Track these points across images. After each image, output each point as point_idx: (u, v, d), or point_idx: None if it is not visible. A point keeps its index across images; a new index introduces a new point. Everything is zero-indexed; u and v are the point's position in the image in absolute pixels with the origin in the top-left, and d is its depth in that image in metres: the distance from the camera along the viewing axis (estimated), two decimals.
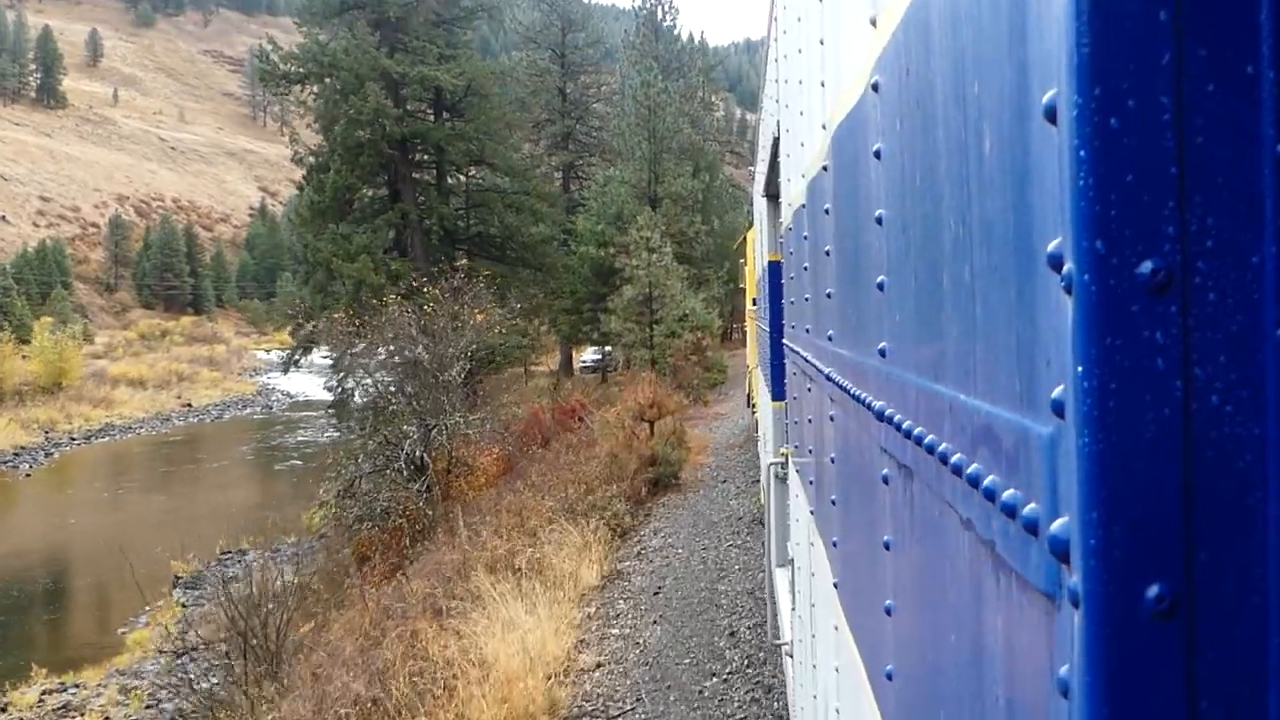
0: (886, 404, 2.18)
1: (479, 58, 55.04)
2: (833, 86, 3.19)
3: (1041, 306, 1.07)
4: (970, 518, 1.40)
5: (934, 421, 1.69)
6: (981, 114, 1.33)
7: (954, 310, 1.55)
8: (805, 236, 4.68)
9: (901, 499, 2.07)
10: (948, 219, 1.57)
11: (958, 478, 1.45)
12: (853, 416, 2.87)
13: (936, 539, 1.72)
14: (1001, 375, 1.26)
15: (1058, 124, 0.97)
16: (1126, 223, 0.90)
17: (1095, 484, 0.91)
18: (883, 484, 2.30)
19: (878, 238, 2.30)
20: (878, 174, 2.28)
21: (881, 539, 2.34)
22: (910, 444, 1.86)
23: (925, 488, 1.78)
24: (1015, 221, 1.18)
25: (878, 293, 2.30)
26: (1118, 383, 0.90)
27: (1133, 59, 0.89)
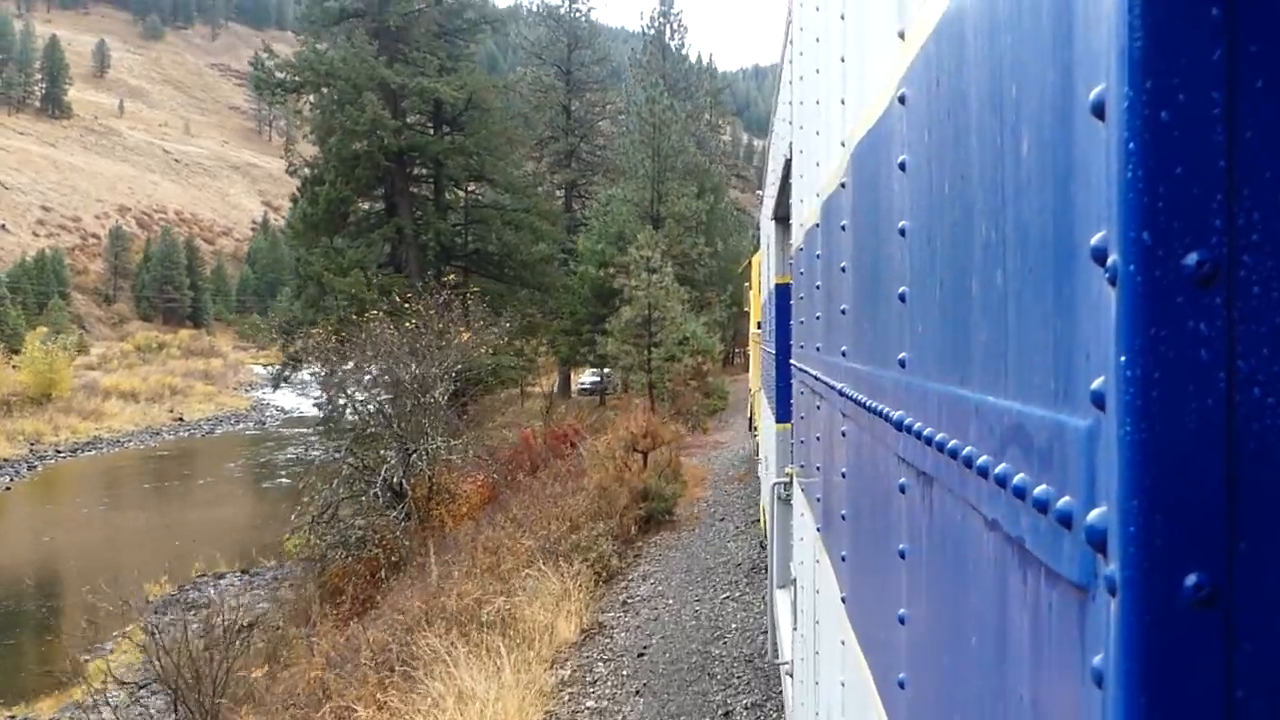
0: (906, 413, 2.19)
1: (482, 71, 54.22)
2: (854, 103, 3.21)
3: (1082, 301, 1.08)
4: (996, 518, 1.41)
5: (958, 426, 1.69)
6: (1020, 117, 1.35)
7: (983, 314, 1.56)
8: (818, 255, 4.70)
9: (920, 506, 2.08)
10: (979, 225, 1.59)
11: (984, 479, 1.46)
12: (867, 429, 2.87)
13: (957, 543, 1.73)
14: (1035, 374, 1.27)
15: (1106, 119, 0.98)
16: (1174, 215, 0.91)
17: (1137, 472, 0.92)
18: (899, 494, 2.31)
19: (900, 250, 2.31)
20: (902, 186, 2.29)
21: (896, 549, 2.35)
22: (931, 450, 1.87)
23: (946, 493, 1.79)
24: (1055, 219, 1.19)
25: (899, 304, 2.31)
26: (1161, 373, 0.91)
27: (1184, 54, 0.91)
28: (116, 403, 76.37)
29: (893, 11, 2.38)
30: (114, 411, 73.88)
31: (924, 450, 1.94)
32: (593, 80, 69.11)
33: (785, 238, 9.74)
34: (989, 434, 1.48)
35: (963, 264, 1.71)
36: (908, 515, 2.24)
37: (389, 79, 45.74)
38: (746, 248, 57.10)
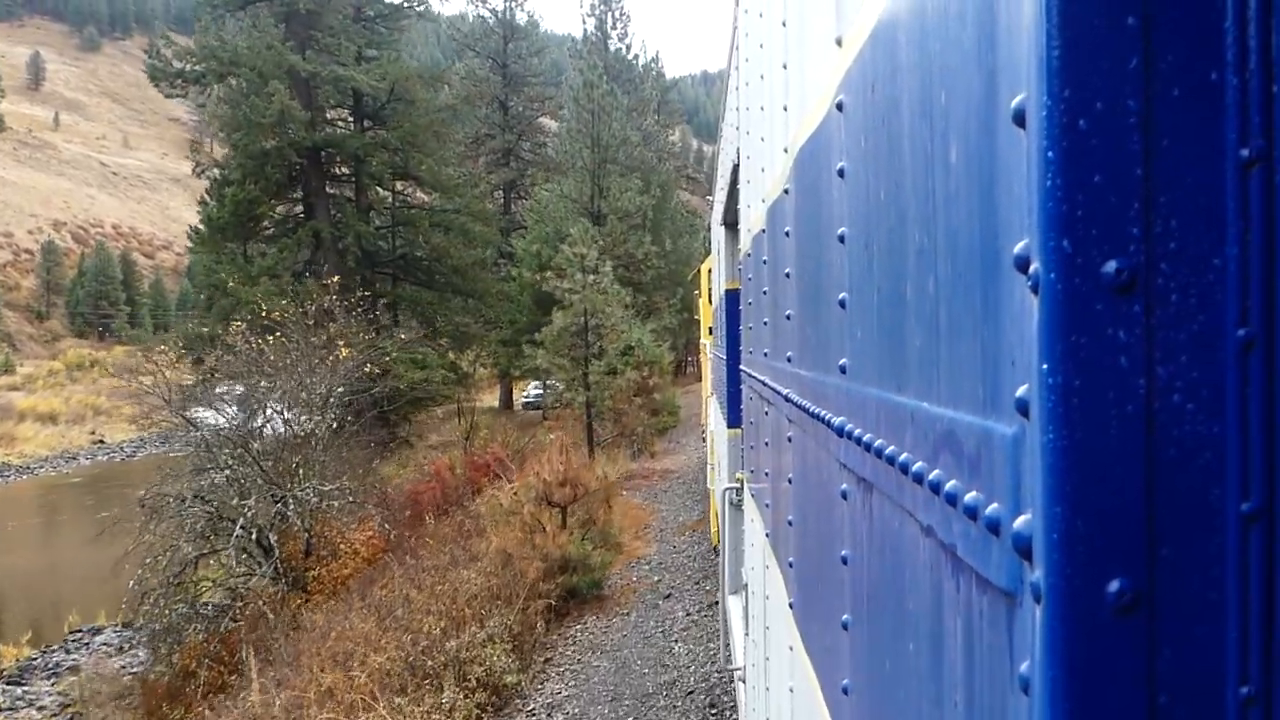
0: (847, 419, 2.19)
1: (406, 61, 48.89)
2: (796, 109, 3.22)
3: (1006, 308, 1.08)
4: (931, 524, 1.41)
5: (895, 432, 1.70)
6: (949, 124, 1.35)
7: (917, 321, 1.57)
8: (765, 260, 4.71)
9: (860, 513, 2.08)
10: (912, 231, 1.59)
11: (919, 485, 1.46)
12: (812, 435, 2.88)
13: (895, 549, 1.73)
14: (965, 380, 1.28)
15: (1026, 127, 0.98)
16: (1093, 223, 0.92)
17: (1059, 479, 0.93)
18: (841, 500, 2.31)
19: (840, 256, 2.32)
20: (840, 193, 2.30)
21: (839, 555, 2.35)
22: (870, 457, 1.87)
23: (885, 499, 1.79)
24: (981, 227, 1.19)
25: (839, 310, 2.31)
26: (1082, 380, 0.92)
27: (1101, 63, 0.91)
28: (32, 425, 70.85)
29: (831, 17, 2.39)
30: (28, 435, 68.53)
31: (864, 457, 1.95)
32: (531, 74, 64.52)
33: (734, 243, 9.77)
34: (923, 440, 1.48)
35: (898, 271, 1.71)
36: (850, 521, 2.24)
37: (299, 67, 41.23)
38: (698, 250, 54.55)
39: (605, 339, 32.33)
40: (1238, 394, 0.90)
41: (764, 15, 4.57)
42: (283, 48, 40.96)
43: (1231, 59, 0.90)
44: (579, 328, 31.55)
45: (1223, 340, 0.91)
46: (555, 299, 34.03)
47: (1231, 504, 0.90)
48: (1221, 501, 0.90)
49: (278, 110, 39.28)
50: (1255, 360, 0.90)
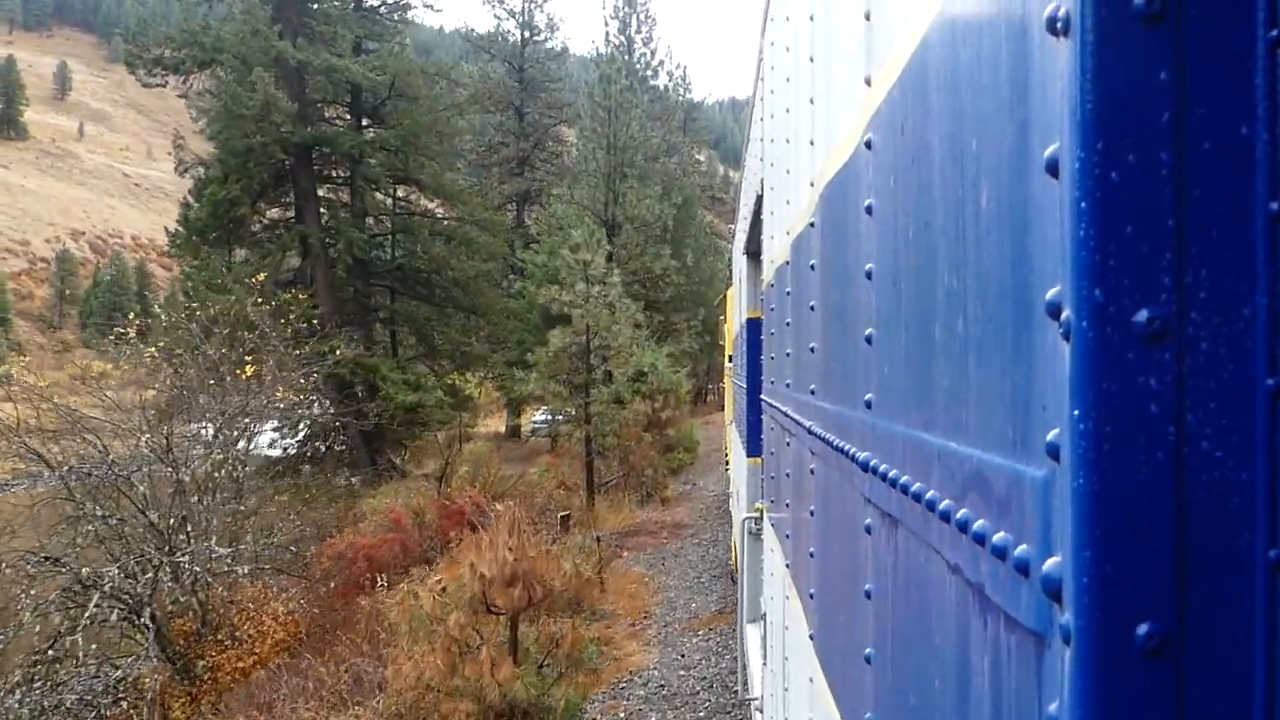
0: (872, 454, 2.21)
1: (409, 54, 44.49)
2: (823, 144, 3.25)
3: (1038, 353, 1.10)
4: (958, 562, 1.43)
5: (921, 469, 1.71)
6: (980, 169, 1.37)
7: (946, 360, 1.58)
8: (788, 292, 4.73)
9: (885, 547, 2.09)
10: (942, 272, 1.61)
11: (946, 523, 1.48)
12: (835, 468, 2.89)
13: (920, 585, 1.74)
14: (994, 422, 1.29)
15: (1059, 177, 1.00)
16: (1124, 272, 0.94)
17: (1089, 524, 0.94)
18: (865, 534, 2.32)
19: (867, 292, 2.33)
20: (869, 229, 2.32)
21: (862, 588, 2.36)
22: (896, 492, 1.88)
23: (910, 535, 1.80)
24: (1013, 272, 1.21)
25: (865, 345, 2.33)
26: (1113, 426, 0.94)
27: (1134, 116, 0.94)
28: None
29: (860, 57, 2.42)
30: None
31: (889, 492, 1.96)
32: (549, 79, 59.29)
33: (757, 273, 9.79)
34: (951, 479, 1.50)
35: (926, 309, 1.73)
36: (873, 556, 2.25)
37: (287, 55, 36.88)
38: (722, 271, 51.82)
39: (611, 362, 27.39)
40: (1267, 441, 0.92)
41: (791, 50, 4.60)
42: (270, 33, 36.75)
43: (1262, 114, 0.92)
44: (580, 348, 26.09)
45: (1252, 388, 0.92)
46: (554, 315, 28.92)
47: (1260, 550, 0.92)
48: (1250, 547, 0.92)
49: (261, 101, 34.99)
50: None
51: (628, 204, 43.95)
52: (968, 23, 1.43)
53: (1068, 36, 0.98)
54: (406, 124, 40.06)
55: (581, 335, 26.01)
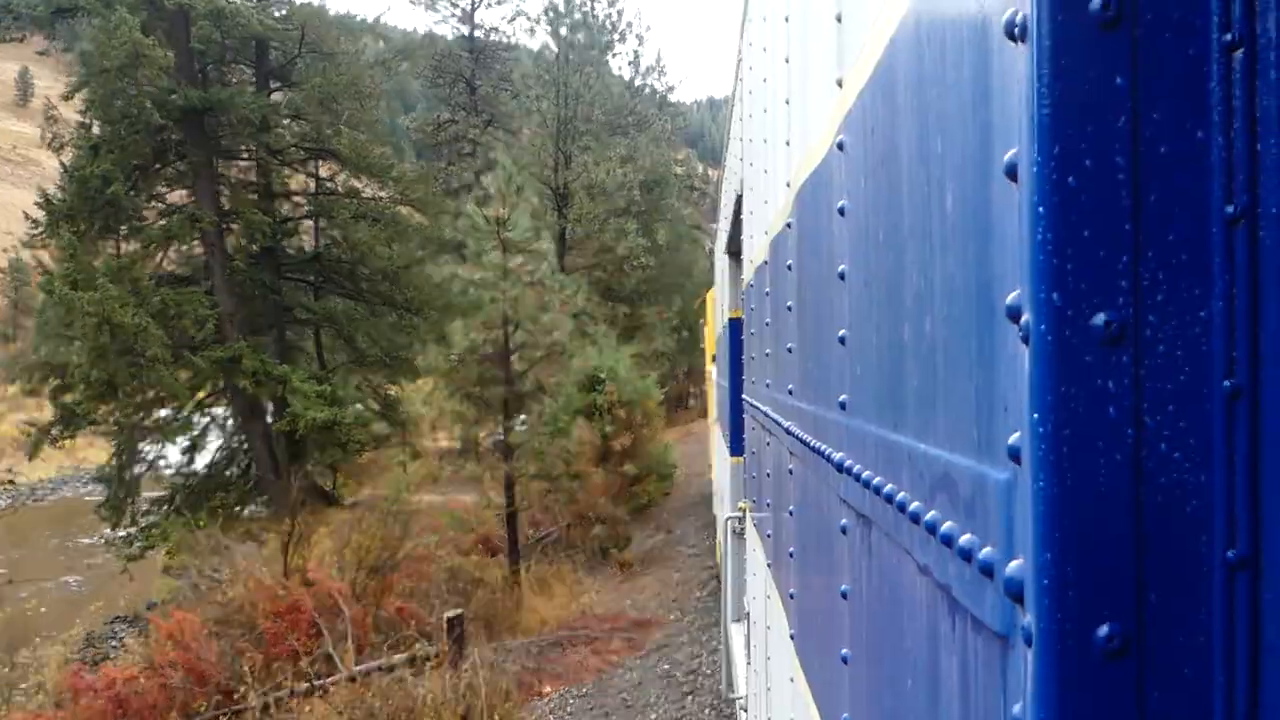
0: (846, 455, 2.21)
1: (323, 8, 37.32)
2: (798, 145, 3.26)
3: (1000, 356, 1.11)
4: (927, 563, 1.43)
5: (893, 471, 1.72)
6: (945, 172, 1.38)
7: (915, 362, 1.59)
8: (767, 292, 4.74)
9: (860, 548, 2.10)
10: (910, 273, 1.61)
11: (916, 525, 1.48)
12: (812, 469, 2.90)
13: (893, 586, 1.75)
14: (960, 424, 1.30)
15: (1018, 181, 1.01)
16: (1082, 276, 0.94)
17: (1049, 527, 0.95)
18: (841, 534, 2.33)
19: (840, 293, 2.34)
20: (841, 231, 2.32)
21: (839, 589, 2.37)
22: (869, 494, 1.89)
23: (883, 536, 1.81)
24: (976, 275, 1.22)
25: (839, 346, 2.34)
26: (1071, 429, 0.94)
27: (1090, 121, 0.94)
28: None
29: (832, 59, 2.43)
30: None
31: (863, 493, 1.97)
32: (505, 48, 50.85)
33: (738, 272, 9.81)
34: (920, 480, 1.50)
35: (896, 311, 1.73)
36: (849, 556, 2.26)
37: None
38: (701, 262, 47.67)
39: (542, 368, 20.05)
40: (1224, 443, 0.92)
41: (768, 50, 4.61)
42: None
43: (1217, 119, 0.93)
44: (495, 349, 19.08)
45: (1210, 390, 0.93)
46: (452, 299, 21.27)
47: (1218, 551, 0.92)
48: (1209, 549, 0.92)
49: (127, 48, 27.63)
50: (1241, 410, 0.92)
51: (581, 167, 36.79)
52: (932, 25, 1.43)
53: (1025, 42, 0.98)
54: (318, 82, 33.12)
55: (496, 329, 18.78)
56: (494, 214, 18.85)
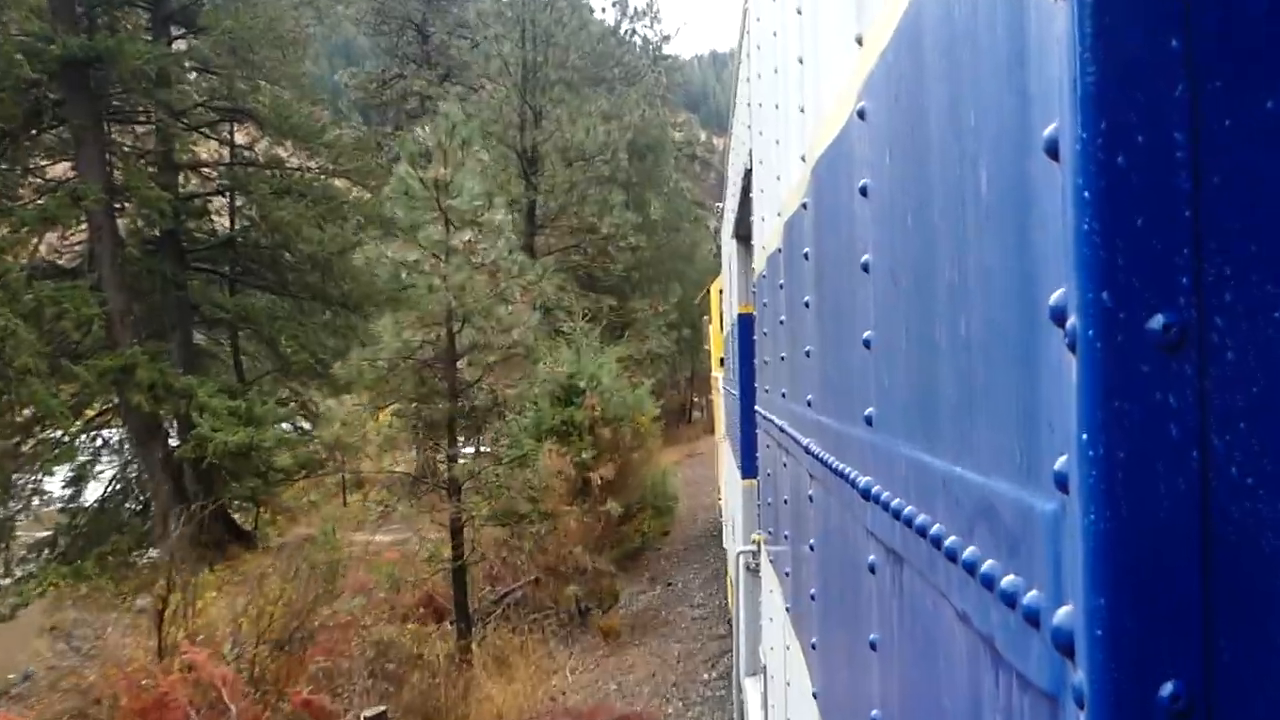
0: (873, 480, 2.22)
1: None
2: (813, 112, 3.26)
3: (1043, 365, 1.11)
4: (966, 610, 1.44)
5: (926, 499, 1.73)
6: (980, 146, 1.39)
7: (950, 369, 1.60)
8: (781, 285, 4.75)
9: (890, 590, 2.11)
10: (943, 264, 1.62)
11: (953, 563, 1.49)
12: (835, 495, 2.91)
13: (929, 636, 1.76)
14: (1001, 444, 1.30)
15: (1060, 160, 1.01)
16: (1135, 272, 0.94)
17: (1102, 567, 0.95)
18: (869, 574, 2.34)
19: (864, 287, 2.35)
20: (864, 213, 2.33)
21: (867, 638, 2.38)
22: (900, 525, 1.90)
23: (917, 576, 1.82)
24: (1015, 270, 1.22)
25: (863, 350, 2.35)
26: (1126, 452, 0.94)
27: (1142, 90, 0.94)
28: None
29: (850, 12, 2.44)
30: None
31: (893, 525, 1.98)
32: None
33: (748, 260, 9.81)
34: (958, 510, 1.51)
35: (928, 309, 1.74)
36: (878, 599, 2.27)
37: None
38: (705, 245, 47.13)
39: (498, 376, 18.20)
40: None
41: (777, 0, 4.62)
42: None
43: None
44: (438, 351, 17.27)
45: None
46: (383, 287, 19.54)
47: None
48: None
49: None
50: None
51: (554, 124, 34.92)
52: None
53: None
54: (229, 26, 30.64)
55: (437, 326, 17.02)
56: (433, 176, 16.42)
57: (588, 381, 22.78)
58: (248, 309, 32.76)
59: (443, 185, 16.49)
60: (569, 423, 22.20)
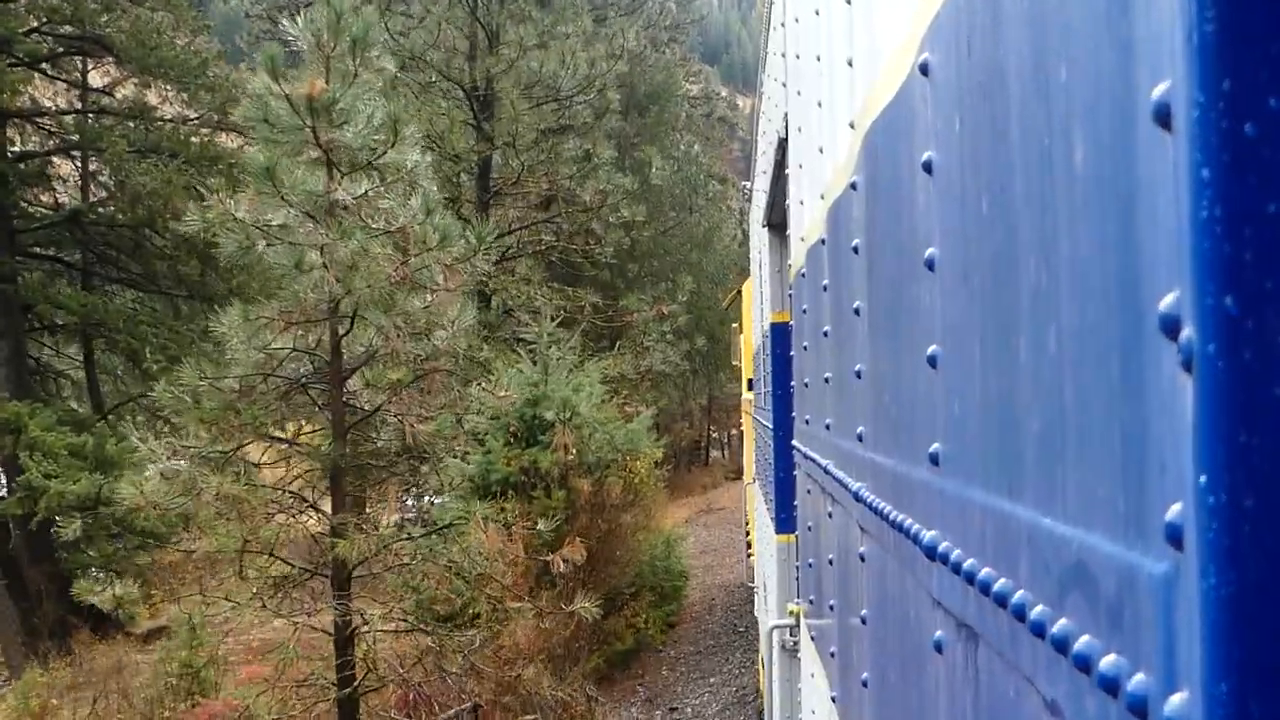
0: (940, 534, 2.22)
1: None
2: (864, 66, 3.27)
3: (1152, 389, 1.11)
4: (1056, 698, 1.44)
5: (1007, 559, 1.73)
6: (1072, 110, 1.39)
7: (1035, 392, 1.60)
8: (825, 286, 4.74)
9: (962, 674, 2.11)
10: (1026, 261, 1.63)
11: (1039, 639, 1.49)
12: (893, 554, 2.91)
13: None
14: (1099, 487, 1.30)
15: (1172, 129, 1.01)
16: (1268, 272, 0.94)
17: (1225, 644, 0.95)
18: (935, 653, 2.34)
19: (928, 289, 2.35)
20: (928, 196, 2.34)
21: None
22: (974, 592, 1.90)
23: (994, 656, 1.82)
24: (1118, 264, 1.22)
25: (928, 370, 2.35)
26: (1256, 500, 0.94)
27: (1276, 43, 0.94)
28: None
29: None
30: None
31: (965, 591, 1.98)
32: None
33: (783, 255, 9.80)
34: (1044, 573, 1.51)
35: (1008, 317, 1.74)
36: (947, 685, 2.27)
37: None
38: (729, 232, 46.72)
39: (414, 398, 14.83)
40: None
41: None
42: None
43: None
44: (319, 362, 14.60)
45: None
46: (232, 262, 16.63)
47: None
48: None
49: None
50: None
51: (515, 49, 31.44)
52: None
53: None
54: None
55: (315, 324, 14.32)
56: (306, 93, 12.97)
57: (558, 410, 20.05)
58: (101, 310, 29.99)
59: (322, 108, 13.07)
60: (532, 471, 19.70)
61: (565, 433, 19.72)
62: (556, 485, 19.69)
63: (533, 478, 19.70)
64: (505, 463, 19.68)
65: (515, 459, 19.72)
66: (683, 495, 37.35)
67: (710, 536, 30.47)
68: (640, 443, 22.83)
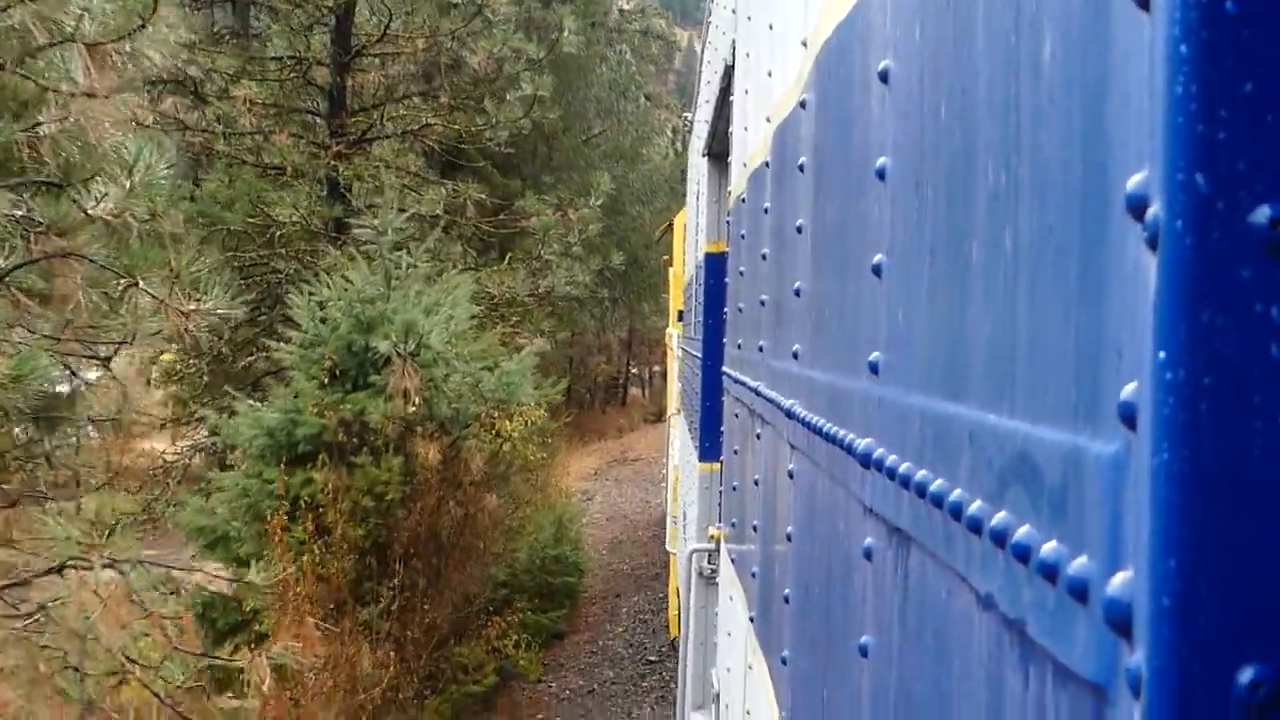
0: (877, 442, 2.22)
1: None
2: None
3: (1115, 272, 1.10)
4: (991, 591, 1.44)
5: (946, 461, 1.73)
6: (1042, 5, 1.38)
7: (987, 296, 1.59)
8: (766, 209, 4.74)
9: (891, 580, 2.12)
10: (984, 165, 1.62)
11: (976, 535, 1.49)
12: (824, 467, 2.91)
13: (939, 632, 1.76)
14: (1050, 381, 1.30)
15: (1150, 7, 1.00)
16: (1241, 151, 0.93)
17: (1175, 521, 0.94)
18: (864, 561, 2.34)
19: (877, 200, 2.35)
20: (883, 106, 2.33)
21: (857, 643, 2.38)
22: (909, 496, 1.90)
23: (927, 558, 1.82)
24: (1084, 158, 1.21)
25: (872, 280, 2.34)
26: (1214, 377, 0.93)
27: None
28: None
29: None
30: None
31: (900, 496, 1.98)
32: None
33: (723, 184, 9.77)
34: (985, 470, 1.51)
35: (962, 222, 1.74)
36: (874, 593, 2.27)
37: None
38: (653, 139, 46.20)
39: None
40: None
41: None
42: None
43: None
44: None
45: None
46: None
47: None
48: None
49: None
50: None
51: None
52: None
53: None
54: None
55: None
56: None
57: (398, 338, 14.86)
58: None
59: None
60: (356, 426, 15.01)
61: (407, 372, 14.48)
62: (391, 450, 14.87)
63: (358, 436, 14.97)
64: (317, 413, 14.74)
65: (333, 408, 14.77)
66: (594, 439, 34.30)
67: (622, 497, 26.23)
68: (519, 390, 17.11)
